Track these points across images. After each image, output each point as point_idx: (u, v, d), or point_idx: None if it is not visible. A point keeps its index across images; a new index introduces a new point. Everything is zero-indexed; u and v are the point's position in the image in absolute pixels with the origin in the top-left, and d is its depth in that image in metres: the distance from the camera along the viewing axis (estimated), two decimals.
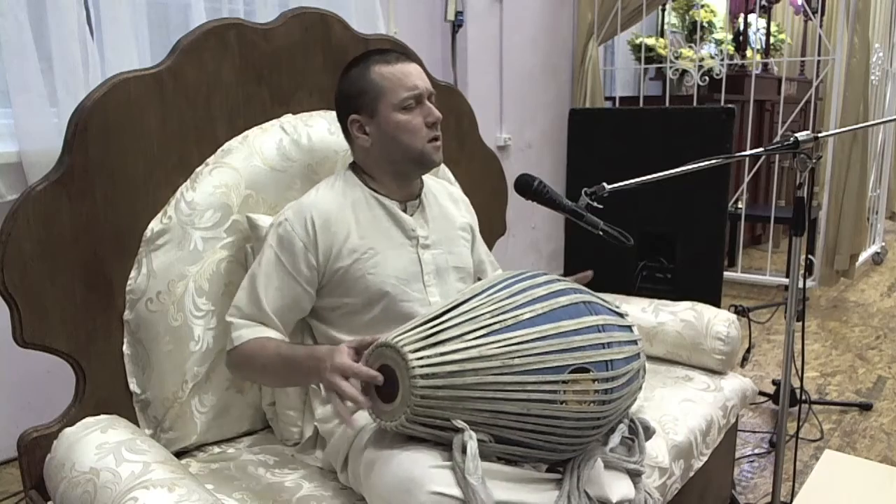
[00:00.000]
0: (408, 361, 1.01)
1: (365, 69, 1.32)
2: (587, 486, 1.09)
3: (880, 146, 4.64)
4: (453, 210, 1.49)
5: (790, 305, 1.56)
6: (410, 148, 1.32)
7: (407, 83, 1.30)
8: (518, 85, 3.62)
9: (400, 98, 1.30)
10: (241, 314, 1.30)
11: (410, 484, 0.98)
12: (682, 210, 2.07)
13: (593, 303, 1.16)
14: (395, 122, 1.31)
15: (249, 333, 1.28)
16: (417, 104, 1.32)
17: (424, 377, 1.01)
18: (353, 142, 1.37)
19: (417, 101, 1.32)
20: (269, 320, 1.29)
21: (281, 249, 1.30)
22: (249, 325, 1.29)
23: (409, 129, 1.31)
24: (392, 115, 1.31)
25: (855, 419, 2.49)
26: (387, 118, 1.31)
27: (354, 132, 1.35)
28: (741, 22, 4.92)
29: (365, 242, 1.32)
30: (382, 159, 1.35)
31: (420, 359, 1.01)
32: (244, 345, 1.27)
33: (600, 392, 1.08)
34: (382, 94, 1.30)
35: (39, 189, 1.21)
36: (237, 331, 1.29)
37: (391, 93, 1.30)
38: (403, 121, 1.31)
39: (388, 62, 1.32)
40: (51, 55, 2.01)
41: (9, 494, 1.93)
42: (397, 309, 1.31)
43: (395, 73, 1.31)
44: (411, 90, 1.30)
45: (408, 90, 1.30)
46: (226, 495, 1.20)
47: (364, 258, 1.31)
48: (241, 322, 1.29)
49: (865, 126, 3.54)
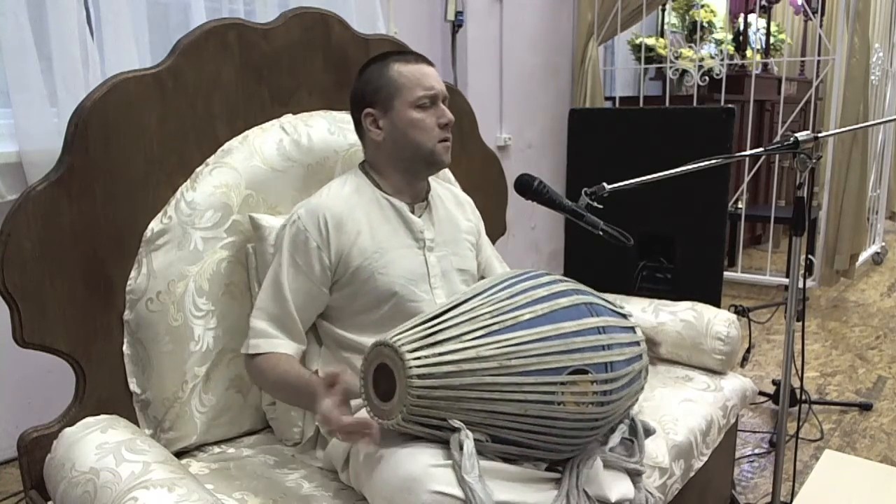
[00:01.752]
0: (405, 361, 1.01)
1: (384, 66, 1.34)
2: (586, 486, 1.09)
3: (880, 146, 4.64)
4: (458, 214, 1.50)
5: (790, 305, 1.56)
6: (421, 145, 1.33)
7: (424, 83, 1.33)
8: (518, 85, 3.62)
9: (416, 96, 1.32)
10: (266, 315, 1.30)
11: (412, 483, 0.99)
12: (682, 210, 2.07)
13: (595, 304, 1.16)
14: (408, 118, 1.32)
15: (265, 346, 1.29)
16: (432, 104, 1.34)
17: (421, 377, 1.01)
18: (364, 136, 1.39)
19: (432, 101, 1.34)
20: (291, 321, 1.30)
21: (295, 250, 1.30)
22: (268, 335, 1.29)
23: (421, 126, 1.33)
24: (406, 112, 1.32)
25: (855, 419, 2.49)
26: (401, 114, 1.32)
27: (367, 126, 1.36)
28: (741, 22, 4.92)
29: (375, 243, 1.32)
30: (393, 155, 1.36)
31: (417, 358, 1.01)
32: (260, 358, 1.28)
33: (599, 394, 1.08)
34: (399, 90, 1.32)
35: (39, 189, 1.21)
36: (255, 338, 1.29)
37: (408, 90, 1.32)
38: (417, 118, 1.32)
39: (408, 61, 1.35)
40: (51, 55, 2.01)
41: (9, 494, 1.93)
42: (405, 309, 1.32)
43: (413, 72, 1.33)
44: (428, 90, 1.33)
45: (424, 89, 1.32)
46: (226, 495, 1.20)
47: (374, 258, 1.31)
48: (260, 329, 1.30)
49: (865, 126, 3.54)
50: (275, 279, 1.31)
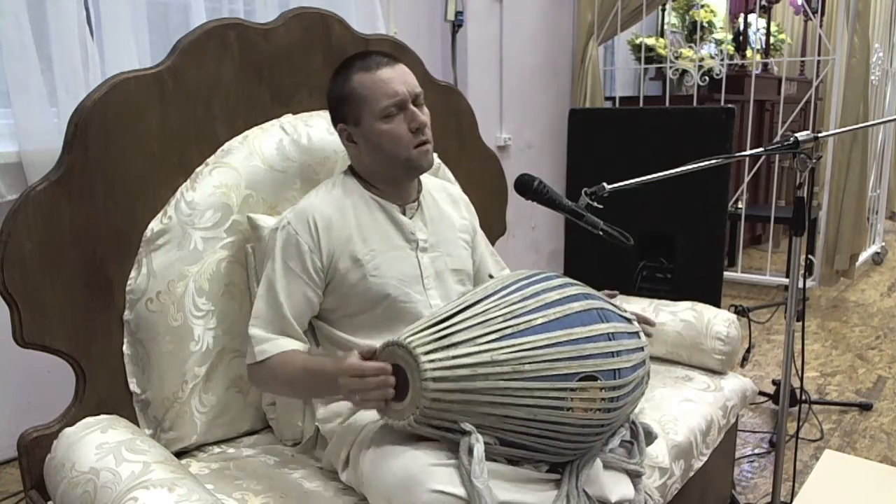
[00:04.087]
0: (420, 363, 1.01)
1: (346, 78, 1.31)
2: (586, 487, 1.09)
3: (880, 146, 4.64)
4: (452, 212, 1.49)
5: (790, 305, 1.56)
6: (396, 157, 1.31)
7: (387, 90, 1.28)
8: (518, 85, 3.62)
9: (381, 107, 1.28)
10: (264, 323, 1.29)
11: (412, 482, 0.99)
12: (682, 210, 2.07)
13: (605, 309, 1.16)
14: (377, 131, 1.29)
15: (272, 348, 1.27)
16: (400, 110, 1.29)
17: (436, 380, 1.00)
18: (346, 148, 1.38)
19: (400, 107, 1.29)
20: (289, 326, 1.29)
21: (287, 254, 1.29)
22: (271, 338, 1.28)
23: (392, 137, 1.29)
24: (374, 125, 1.29)
25: (855, 419, 2.49)
26: (370, 128, 1.29)
27: (344, 140, 1.35)
28: (741, 22, 4.92)
29: (366, 245, 1.32)
30: (373, 166, 1.35)
31: (432, 361, 1.01)
32: (268, 360, 1.27)
33: (606, 400, 1.08)
34: (364, 103, 1.29)
35: (39, 189, 1.21)
36: (259, 345, 1.27)
37: (372, 102, 1.28)
38: (386, 130, 1.29)
39: (368, 69, 1.29)
40: (51, 55, 2.01)
41: (9, 494, 1.93)
42: (399, 311, 1.31)
43: (374, 81, 1.28)
44: (392, 97, 1.28)
45: (388, 97, 1.28)
46: (226, 495, 1.20)
47: (366, 260, 1.31)
48: (261, 336, 1.28)
49: (865, 126, 3.54)
50: (269, 287, 1.30)
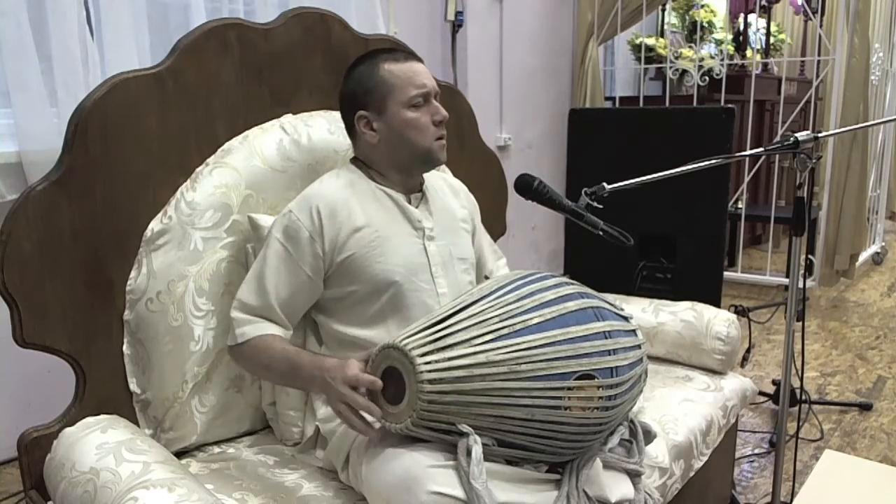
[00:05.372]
0: (416, 366, 1.01)
1: (373, 66, 1.33)
2: (586, 486, 1.09)
3: (880, 146, 4.64)
4: (454, 202, 1.50)
5: (790, 305, 1.56)
6: (418, 145, 1.33)
7: (416, 81, 1.32)
8: (518, 85, 3.62)
9: (409, 95, 1.31)
10: (245, 308, 1.30)
11: (411, 483, 0.99)
12: (682, 210, 2.07)
13: (601, 308, 1.16)
14: (403, 119, 1.31)
15: (253, 331, 1.28)
16: (425, 102, 1.33)
17: (432, 382, 1.00)
18: (357, 138, 1.38)
19: (425, 99, 1.33)
20: (273, 314, 1.29)
21: (287, 240, 1.30)
22: (252, 321, 1.29)
23: (417, 126, 1.32)
24: (401, 112, 1.31)
25: (855, 419, 2.49)
26: (396, 115, 1.31)
27: (361, 128, 1.35)
28: (741, 22, 4.92)
29: (372, 231, 1.31)
30: (389, 156, 1.35)
31: (428, 363, 1.01)
32: (248, 342, 1.27)
33: (604, 398, 1.08)
34: (392, 91, 1.31)
35: (39, 189, 1.21)
36: (240, 327, 1.28)
37: (400, 90, 1.31)
38: (412, 118, 1.31)
39: (397, 60, 1.33)
40: (51, 55, 2.00)
41: (9, 494, 1.93)
42: (405, 299, 1.31)
43: (404, 71, 1.32)
44: (420, 88, 1.31)
45: (417, 88, 1.31)
46: (226, 495, 1.20)
47: (371, 246, 1.30)
48: (243, 318, 1.29)
49: (865, 126, 3.54)
50: (258, 274, 1.30)
